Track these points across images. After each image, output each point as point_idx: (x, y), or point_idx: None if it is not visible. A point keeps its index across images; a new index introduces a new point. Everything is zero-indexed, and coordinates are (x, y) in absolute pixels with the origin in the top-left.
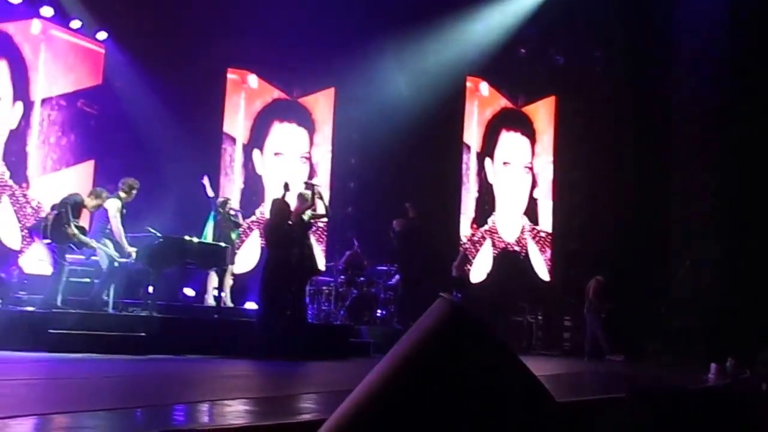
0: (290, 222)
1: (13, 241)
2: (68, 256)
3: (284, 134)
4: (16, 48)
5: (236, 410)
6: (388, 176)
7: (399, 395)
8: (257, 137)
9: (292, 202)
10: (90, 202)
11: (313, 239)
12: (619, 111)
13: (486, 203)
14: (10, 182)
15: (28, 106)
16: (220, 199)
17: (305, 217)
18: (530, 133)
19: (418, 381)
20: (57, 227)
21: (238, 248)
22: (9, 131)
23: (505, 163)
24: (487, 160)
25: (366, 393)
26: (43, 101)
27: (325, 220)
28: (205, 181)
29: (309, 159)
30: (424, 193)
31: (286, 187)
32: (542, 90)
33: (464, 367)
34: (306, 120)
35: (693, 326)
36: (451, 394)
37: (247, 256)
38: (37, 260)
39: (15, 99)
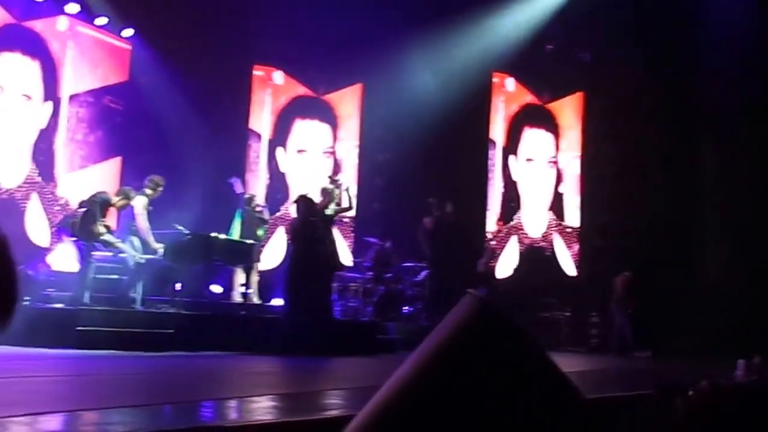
0: (314, 218)
1: (42, 238)
2: (95, 253)
3: (306, 131)
4: (43, 45)
5: (264, 406)
6: (414, 172)
7: (427, 392)
8: (281, 134)
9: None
10: (118, 202)
11: (338, 234)
12: (647, 107)
13: (512, 200)
14: (39, 180)
15: (56, 104)
16: (246, 196)
17: (329, 211)
18: (554, 129)
19: (445, 377)
20: (84, 225)
21: (263, 245)
22: (39, 131)
23: (528, 160)
24: (511, 157)
25: (394, 389)
26: (71, 98)
27: (351, 214)
28: (235, 182)
29: (333, 154)
30: (450, 189)
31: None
32: (569, 86)
33: (492, 363)
34: (329, 116)
35: (719, 323)
36: (479, 389)
37: (273, 252)
38: (64, 257)
39: (45, 98)
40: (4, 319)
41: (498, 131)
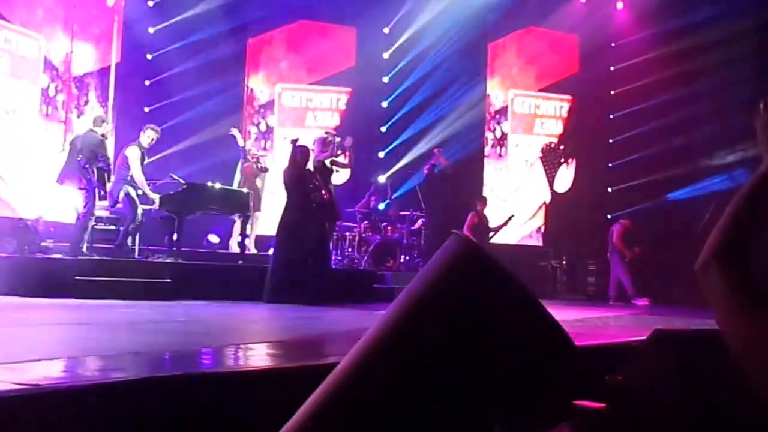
0: (310, 168)
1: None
2: (99, 203)
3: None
4: None
5: (261, 353)
6: (415, 121)
7: (412, 334)
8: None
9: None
10: (101, 130)
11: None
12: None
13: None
14: None
15: None
16: (246, 148)
17: (327, 163)
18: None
19: (430, 319)
20: (101, 178)
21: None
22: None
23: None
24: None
25: (380, 331)
26: None
27: (347, 170)
28: (234, 132)
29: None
30: (447, 137)
31: (294, 143)
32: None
33: (477, 307)
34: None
35: None
36: (464, 335)
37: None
38: (63, 208)
39: None
40: None
41: (495, 80)
